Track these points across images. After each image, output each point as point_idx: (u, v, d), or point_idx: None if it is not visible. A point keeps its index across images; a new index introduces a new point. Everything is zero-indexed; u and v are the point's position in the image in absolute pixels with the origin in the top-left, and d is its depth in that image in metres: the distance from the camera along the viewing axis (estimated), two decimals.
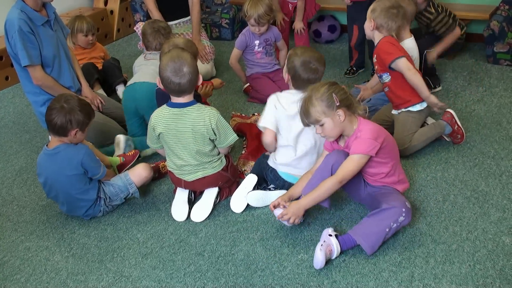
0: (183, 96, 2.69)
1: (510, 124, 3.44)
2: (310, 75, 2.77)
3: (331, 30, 5.10)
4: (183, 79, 2.62)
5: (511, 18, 4.36)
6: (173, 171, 2.86)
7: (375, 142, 2.48)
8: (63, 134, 2.70)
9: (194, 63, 2.68)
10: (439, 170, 3.05)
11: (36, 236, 2.77)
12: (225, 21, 5.37)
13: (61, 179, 2.72)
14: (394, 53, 3.08)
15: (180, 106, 2.71)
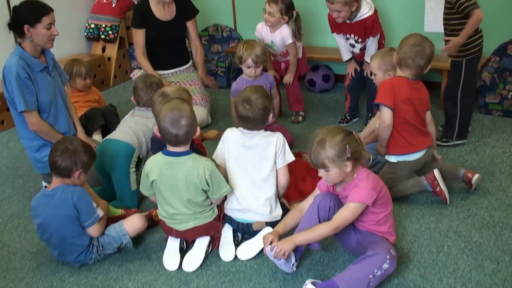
0: (179, 146, 2.70)
1: (503, 175, 3.46)
2: (245, 113, 2.86)
3: (325, 79, 5.15)
4: (180, 131, 2.63)
5: (502, 69, 4.43)
6: (164, 220, 2.85)
7: (373, 192, 2.50)
8: (67, 175, 2.71)
9: (192, 115, 2.70)
10: (433, 220, 3.04)
11: (25, 284, 2.73)
12: (221, 69, 5.43)
13: (56, 220, 2.69)
14: (384, 97, 3.09)
15: (175, 155, 2.72)
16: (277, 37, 4.25)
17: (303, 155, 3.78)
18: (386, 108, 3.08)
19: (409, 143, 3.15)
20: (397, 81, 3.14)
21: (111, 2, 5.70)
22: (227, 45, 5.71)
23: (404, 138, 3.15)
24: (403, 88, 3.11)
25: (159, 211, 2.87)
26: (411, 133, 3.16)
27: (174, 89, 3.21)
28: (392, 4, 4.73)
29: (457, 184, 3.37)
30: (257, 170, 2.89)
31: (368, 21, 3.94)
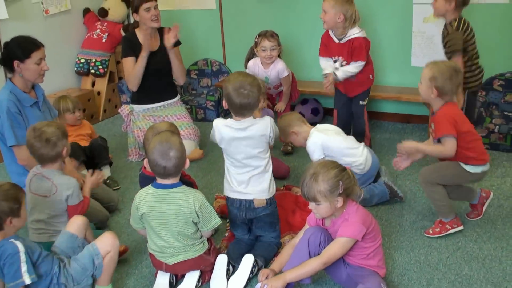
0: (169, 179, 2.71)
1: (491, 208, 3.48)
2: (242, 99, 2.84)
3: (314, 113, 5.20)
4: (169, 163, 2.64)
5: (488, 103, 4.50)
6: (154, 253, 2.83)
7: (362, 226, 2.53)
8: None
9: (182, 147, 2.71)
10: (423, 253, 3.05)
11: None
12: (210, 103, 5.47)
13: None
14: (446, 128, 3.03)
15: (165, 187, 2.72)
16: (271, 72, 4.33)
17: (292, 188, 3.79)
18: (453, 138, 3.01)
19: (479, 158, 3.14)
20: (450, 108, 3.07)
21: (102, 37, 5.75)
22: (216, 79, 5.76)
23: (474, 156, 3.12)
24: (455, 111, 3.10)
25: (149, 245, 2.85)
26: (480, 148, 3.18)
27: (168, 125, 3.25)
28: (380, 40, 4.80)
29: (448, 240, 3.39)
30: (254, 160, 2.95)
31: (356, 42, 3.98)
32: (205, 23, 5.70)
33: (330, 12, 3.91)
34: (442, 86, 3.00)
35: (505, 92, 4.48)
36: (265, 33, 4.33)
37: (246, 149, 2.93)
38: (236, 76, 2.94)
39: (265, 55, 4.31)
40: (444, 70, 3.00)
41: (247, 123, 2.90)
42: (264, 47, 4.28)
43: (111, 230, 3.47)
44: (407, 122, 5.01)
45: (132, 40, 4.50)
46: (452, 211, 3.24)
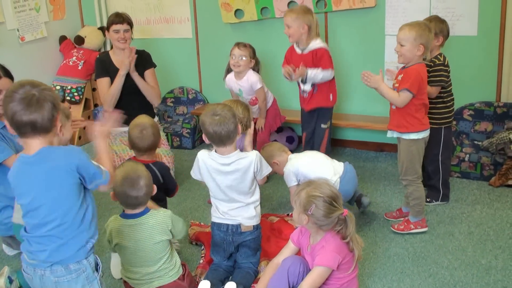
0: (139, 208, 2.71)
1: (462, 235, 3.54)
2: (215, 127, 2.83)
3: (289, 141, 5.25)
4: (140, 192, 2.64)
5: (459, 132, 4.60)
6: (128, 280, 2.82)
7: (337, 256, 2.61)
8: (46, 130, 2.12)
9: (148, 174, 2.72)
10: (395, 280, 3.08)
11: None
12: (186, 130, 5.49)
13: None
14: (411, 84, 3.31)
15: (135, 217, 2.71)
16: (244, 84, 4.35)
17: (269, 217, 3.82)
18: (410, 94, 3.31)
19: (422, 122, 3.44)
20: (423, 68, 3.35)
21: (78, 65, 5.76)
22: (192, 107, 5.80)
23: (419, 118, 3.41)
24: (425, 73, 3.40)
25: (122, 272, 2.84)
26: (425, 114, 3.47)
27: (146, 118, 3.33)
28: (352, 69, 4.90)
29: (417, 243, 3.44)
30: (239, 192, 2.99)
31: (320, 52, 4.04)
32: (182, 51, 5.75)
33: (293, 25, 3.99)
34: (427, 42, 3.28)
35: (474, 121, 4.58)
36: (239, 42, 4.37)
37: (232, 184, 2.96)
38: (210, 105, 2.98)
39: (233, 63, 4.32)
40: (423, 27, 3.29)
41: (233, 157, 2.92)
42: (234, 54, 4.30)
43: None
44: (380, 150, 5.09)
45: (105, 61, 4.51)
46: (422, 214, 3.55)
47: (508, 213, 3.81)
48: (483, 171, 4.37)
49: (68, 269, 2.14)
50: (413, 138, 3.43)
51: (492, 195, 4.11)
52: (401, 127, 3.44)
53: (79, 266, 2.16)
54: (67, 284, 2.15)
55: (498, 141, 4.26)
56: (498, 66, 4.50)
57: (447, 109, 3.80)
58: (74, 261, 2.15)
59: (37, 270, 2.13)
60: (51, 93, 2.11)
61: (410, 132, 3.42)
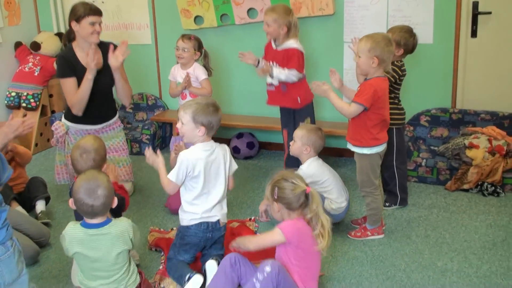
0: (97, 218, 2.65)
1: (419, 238, 3.60)
2: (209, 118, 2.98)
3: (249, 146, 5.26)
4: (96, 202, 2.56)
5: (416, 138, 4.69)
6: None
7: (296, 230, 2.77)
8: None
9: (110, 186, 2.64)
10: (354, 283, 3.11)
11: None
12: (146, 136, 5.45)
13: None
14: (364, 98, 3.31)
15: (96, 227, 2.64)
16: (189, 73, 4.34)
17: (231, 223, 3.81)
18: (361, 107, 3.32)
19: (377, 137, 3.45)
20: (382, 83, 3.36)
21: (34, 71, 5.67)
22: (152, 113, 5.76)
23: (374, 133, 3.43)
24: (385, 89, 3.40)
25: (80, 279, 2.77)
26: (382, 129, 3.48)
27: (93, 141, 3.16)
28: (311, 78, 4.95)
29: (376, 246, 3.49)
30: (219, 185, 3.09)
31: (291, 52, 4.04)
32: (141, 57, 5.71)
33: (273, 25, 4.00)
34: (381, 54, 3.26)
35: (431, 127, 4.68)
36: (184, 34, 4.34)
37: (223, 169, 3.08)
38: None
39: (177, 54, 4.29)
40: (379, 39, 3.29)
41: (212, 145, 3.07)
42: (177, 46, 4.28)
43: (42, 265, 3.39)
44: (339, 156, 5.14)
45: (70, 58, 4.11)
46: (379, 221, 3.61)
47: (463, 217, 3.89)
48: (439, 175, 4.46)
49: (6, 246, 2.23)
50: (365, 153, 3.47)
51: (448, 199, 4.20)
52: (355, 140, 3.49)
53: (12, 242, 2.27)
54: (8, 260, 2.23)
55: (453, 147, 4.36)
56: (454, 73, 4.62)
57: (397, 110, 3.81)
58: (8, 239, 2.25)
59: None
60: None
61: (363, 146, 3.46)
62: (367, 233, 3.61)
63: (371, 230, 3.61)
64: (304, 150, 3.63)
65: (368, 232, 3.61)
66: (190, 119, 2.97)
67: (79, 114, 4.11)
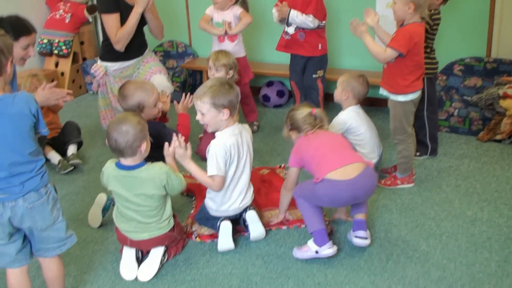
0: (126, 158, 2.69)
1: (449, 187, 3.60)
2: (229, 97, 2.87)
3: (279, 95, 5.26)
4: (120, 137, 2.61)
5: (448, 87, 4.62)
6: (119, 226, 2.84)
7: (294, 154, 2.98)
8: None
9: (138, 128, 2.65)
10: (383, 230, 3.14)
11: None
12: (176, 84, 5.47)
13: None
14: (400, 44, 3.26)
15: (128, 169, 2.71)
16: (227, 16, 4.34)
17: (261, 170, 3.85)
18: (396, 53, 3.27)
19: (412, 84, 3.41)
20: (418, 29, 3.29)
21: (65, 18, 5.69)
22: (182, 60, 5.76)
23: (410, 80, 3.39)
24: (422, 34, 3.33)
25: (115, 213, 2.86)
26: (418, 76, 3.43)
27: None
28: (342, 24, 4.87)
29: (405, 195, 3.50)
30: (246, 169, 3.03)
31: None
32: (171, 4, 5.68)
33: None
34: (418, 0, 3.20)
35: (464, 77, 4.59)
36: None
37: (248, 152, 3.03)
38: None
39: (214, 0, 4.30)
40: None
41: (239, 128, 2.96)
42: None
43: (77, 208, 3.47)
44: (370, 105, 5.10)
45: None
46: (410, 170, 3.60)
47: (494, 167, 3.86)
48: (472, 126, 4.41)
49: (40, 193, 2.25)
50: (400, 100, 3.43)
51: (480, 150, 4.17)
52: (390, 86, 3.45)
53: (46, 190, 2.28)
54: (40, 207, 2.25)
55: (487, 97, 4.29)
56: (489, 21, 4.50)
57: (429, 60, 3.73)
58: (42, 186, 2.26)
59: (6, 203, 2.19)
60: (2, 38, 2.11)
61: (398, 93, 3.42)
62: (397, 181, 3.61)
63: (401, 179, 3.61)
64: (343, 96, 3.60)
65: (398, 181, 3.61)
66: (210, 106, 2.84)
67: (122, 50, 4.12)
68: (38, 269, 2.52)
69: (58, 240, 2.35)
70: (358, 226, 2.95)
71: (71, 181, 3.86)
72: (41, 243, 2.32)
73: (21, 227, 2.25)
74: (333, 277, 2.73)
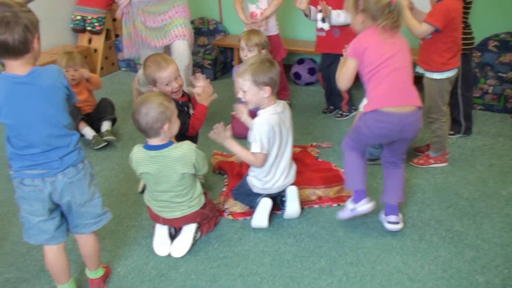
0: (151, 139, 2.71)
1: (483, 167, 3.55)
2: (270, 74, 2.84)
3: (311, 72, 5.23)
4: (142, 119, 2.63)
5: (483, 64, 4.53)
6: (151, 206, 2.88)
7: (354, 46, 2.74)
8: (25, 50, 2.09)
9: (160, 109, 2.63)
10: (415, 210, 3.12)
11: (16, 268, 2.76)
12: (208, 62, 5.47)
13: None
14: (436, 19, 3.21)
15: (156, 149, 2.72)
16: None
17: (308, 148, 3.87)
18: (432, 28, 3.22)
19: (448, 62, 3.37)
20: (455, 4, 3.24)
21: None
22: (213, 38, 5.76)
23: (447, 57, 3.34)
24: (459, 9, 3.27)
25: (147, 197, 2.90)
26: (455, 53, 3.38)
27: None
28: None
29: (438, 175, 3.47)
30: (288, 147, 3.03)
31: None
32: None
33: None
34: None
35: (499, 53, 4.51)
36: None
37: (288, 129, 3.00)
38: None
39: None
40: None
41: (282, 105, 2.95)
42: None
43: (111, 184, 3.53)
44: None
45: None
46: (443, 149, 3.57)
47: None
48: (507, 103, 4.33)
49: (78, 169, 2.29)
50: (435, 78, 3.39)
51: None
52: (426, 64, 3.40)
53: (83, 165, 2.32)
54: (79, 182, 2.29)
55: None
56: None
57: (464, 35, 3.62)
58: (80, 161, 2.30)
59: (47, 178, 2.23)
60: (27, 15, 2.06)
61: (434, 71, 3.38)
62: (430, 160, 3.58)
63: (434, 158, 3.58)
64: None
65: (431, 160, 3.58)
66: (251, 84, 2.83)
67: None
68: (74, 243, 2.57)
69: (94, 216, 2.40)
70: (390, 210, 2.93)
71: (105, 158, 3.92)
72: (79, 218, 2.37)
73: (60, 202, 2.30)
74: (365, 256, 2.74)
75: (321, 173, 3.45)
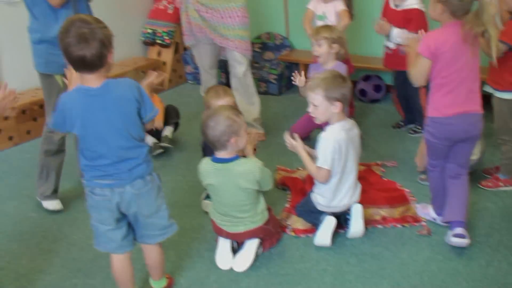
0: (219, 151, 2.75)
1: None
2: (342, 90, 2.87)
3: (376, 89, 5.18)
4: (211, 132, 2.68)
5: None
6: (215, 219, 2.92)
7: (426, 46, 2.72)
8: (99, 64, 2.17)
9: (228, 122, 2.67)
10: (483, 234, 3.04)
11: (83, 273, 2.85)
12: (273, 76, 5.51)
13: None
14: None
15: (223, 161, 2.76)
16: (329, 8, 4.25)
17: (372, 166, 3.84)
18: (506, 46, 3.15)
19: None
20: None
21: (167, 8, 5.86)
22: (279, 52, 5.78)
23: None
24: None
25: (212, 211, 2.94)
26: None
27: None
28: None
29: (508, 198, 3.36)
30: (354, 166, 3.03)
31: (413, 13, 3.91)
32: None
33: None
34: None
35: None
36: None
37: (355, 149, 3.01)
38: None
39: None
40: None
41: (350, 123, 2.97)
42: None
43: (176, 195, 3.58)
44: None
45: None
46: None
47: None
48: None
49: (145, 181, 2.34)
50: (506, 98, 3.29)
51: None
52: (496, 83, 3.31)
53: (151, 178, 2.37)
54: (146, 194, 2.34)
55: None
56: None
57: None
58: (148, 174, 2.35)
59: (115, 189, 2.29)
60: (103, 31, 2.15)
61: (504, 90, 3.28)
62: (500, 183, 3.47)
63: (504, 180, 3.47)
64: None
65: (500, 183, 3.47)
66: (322, 99, 2.85)
67: None
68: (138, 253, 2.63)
69: (160, 228, 2.45)
70: (457, 223, 2.87)
71: (171, 169, 3.99)
72: (145, 229, 2.43)
73: (127, 213, 2.36)
74: (429, 280, 2.68)
75: (385, 193, 3.40)
